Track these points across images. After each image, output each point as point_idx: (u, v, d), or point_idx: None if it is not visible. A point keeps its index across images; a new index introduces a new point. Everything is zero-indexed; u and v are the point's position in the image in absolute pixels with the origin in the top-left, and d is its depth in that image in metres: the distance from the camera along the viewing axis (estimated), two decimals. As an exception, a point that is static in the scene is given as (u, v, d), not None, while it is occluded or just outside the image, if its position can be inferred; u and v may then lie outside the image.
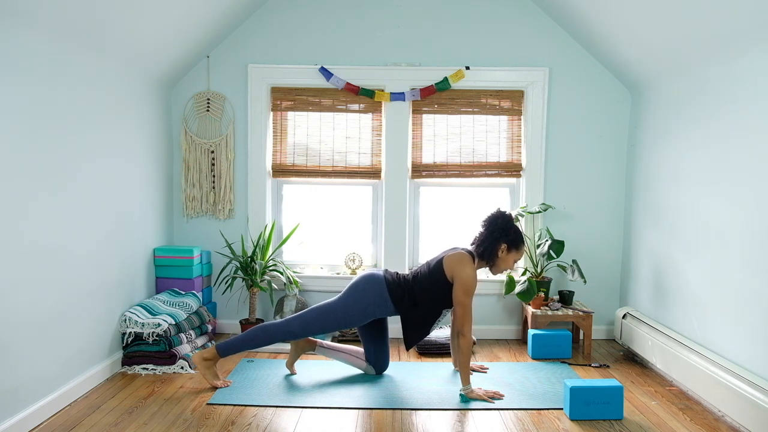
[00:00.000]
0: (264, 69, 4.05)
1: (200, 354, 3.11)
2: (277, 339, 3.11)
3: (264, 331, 3.09)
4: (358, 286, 3.13)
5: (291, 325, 3.10)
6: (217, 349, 3.09)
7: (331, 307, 3.12)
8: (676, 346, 3.18)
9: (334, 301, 3.15)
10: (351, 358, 3.33)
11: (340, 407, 2.87)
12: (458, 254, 3.07)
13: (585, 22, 3.71)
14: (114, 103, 3.26)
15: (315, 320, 3.10)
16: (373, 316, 3.12)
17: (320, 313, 3.11)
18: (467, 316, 2.98)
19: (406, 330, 3.14)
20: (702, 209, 3.11)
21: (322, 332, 3.13)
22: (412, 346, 3.18)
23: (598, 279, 4.12)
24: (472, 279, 3.00)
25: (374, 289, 3.09)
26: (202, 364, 3.10)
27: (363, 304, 3.08)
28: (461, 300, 2.98)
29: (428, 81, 4.05)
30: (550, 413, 2.83)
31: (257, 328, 3.11)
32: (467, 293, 2.98)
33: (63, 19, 2.60)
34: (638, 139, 3.91)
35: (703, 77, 3.12)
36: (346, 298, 3.12)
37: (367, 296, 3.09)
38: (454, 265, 3.02)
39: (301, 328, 3.10)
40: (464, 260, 3.03)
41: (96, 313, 3.11)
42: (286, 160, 4.17)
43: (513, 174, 4.15)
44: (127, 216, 3.44)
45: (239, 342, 3.10)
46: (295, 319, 3.12)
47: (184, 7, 3.27)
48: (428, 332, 3.16)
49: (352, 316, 3.09)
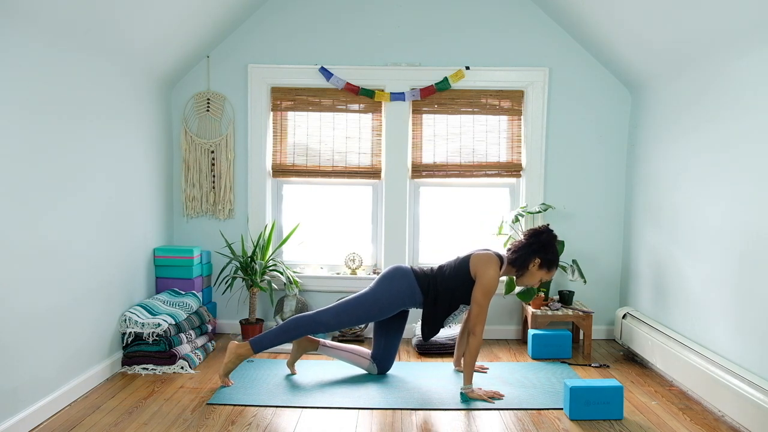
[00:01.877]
0: (264, 69, 4.05)
1: (236, 346, 3.12)
2: (310, 331, 3.12)
3: (296, 324, 3.11)
4: (387, 277, 3.18)
5: (324, 317, 3.12)
6: (251, 344, 3.10)
7: (362, 298, 3.15)
8: (676, 346, 3.18)
9: (365, 292, 3.19)
10: (354, 357, 3.34)
11: (340, 407, 2.87)
12: (486, 254, 3.09)
13: (585, 22, 3.71)
14: (114, 103, 3.26)
15: (347, 311, 3.13)
16: (403, 305, 3.16)
17: (351, 304, 3.14)
18: (482, 316, 2.99)
19: (425, 323, 3.16)
20: (702, 209, 3.10)
21: (354, 323, 3.16)
22: (429, 339, 3.21)
23: (598, 279, 4.12)
24: (493, 281, 3.01)
25: (403, 279, 3.14)
26: (235, 355, 3.11)
27: (392, 292, 3.12)
28: (479, 300, 3.00)
29: (428, 81, 4.05)
30: (550, 413, 2.83)
31: (290, 320, 3.13)
32: (486, 294, 3.00)
33: (63, 19, 2.60)
34: (638, 139, 3.91)
35: (703, 77, 3.12)
36: (376, 288, 3.16)
37: (396, 285, 3.13)
38: (480, 264, 3.04)
39: (334, 318, 3.12)
40: (491, 261, 3.05)
41: (96, 313, 3.11)
42: (286, 160, 4.17)
43: (513, 174, 4.15)
44: (127, 216, 3.44)
45: (272, 336, 3.11)
46: (327, 311, 3.15)
47: (184, 7, 3.27)
48: (442, 325, 3.18)
49: (382, 306, 3.13)
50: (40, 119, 2.62)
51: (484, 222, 4.21)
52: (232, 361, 3.12)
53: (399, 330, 3.32)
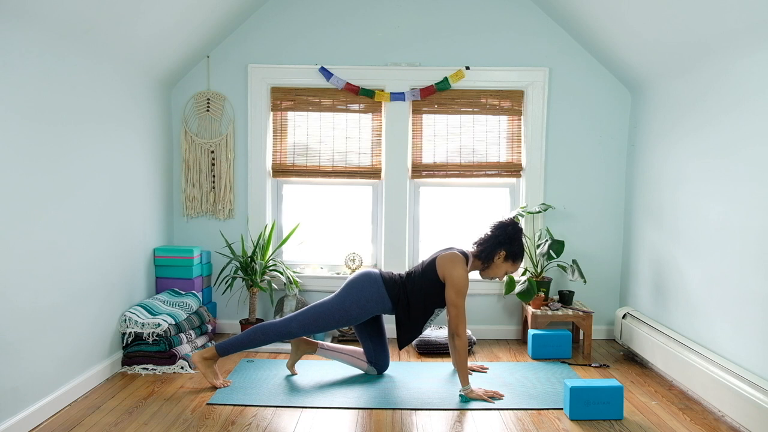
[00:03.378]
0: (264, 69, 4.05)
1: (200, 353, 3.12)
2: (276, 339, 3.11)
3: (263, 331, 3.10)
4: (354, 284, 3.14)
5: (289, 325, 3.10)
6: (217, 349, 3.09)
7: (328, 306, 3.11)
8: (676, 346, 3.18)
9: (331, 299, 3.15)
10: (352, 359, 3.33)
11: (340, 407, 2.87)
12: (450, 254, 3.07)
13: (585, 22, 3.71)
14: (114, 103, 3.26)
15: (313, 319, 3.10)
16: (372, 313, 3.13)
17: (318, 312, 3.11)
18: (461, 317, 2.98)
19: (399, 329, 3.14)
20: (702, 209, 3.11)
21: (320, 331, 3.13)
22: (404, 346, 3.18)
23: (598, 279, 4.12)
24: (463, 280, 3.00)
25: (371, 286, 3.11)
26: (202, 364, 3.10)
27: (361, 301, 3.09)
28: (454, 301, 2.98)
29: (428, 81, 4.05)
30: (550, 413, 2.83)
31: (256, 327, 3.11)
32: (459, 294, 2.99)
33: (62, 19, 2.60)
34: (638, 139, 3.91)
35: (703, 77, 3.12)
36: (343, 296, 3.12)
37: (365, 293, 3.09)
38: (446, 266, 3.03)
39: (299, 327, 3.10)
40: (456, 261, 3.03)
41: (96, 313, 3.11)
42: (286, 160, 4.17)
43: (513, 174, 4.15)
44: (127, 216, 3.44)
45: (238, 342, 3.10)
46: (293, 319, 3.12)
47: (184, 6, 3.27)
48: (420, 332, 3.16)
49: (351, 314, 3.10)
50: (40, 119, 2.62)
51: (484, 222, 4.20)
52: (205, 369, 3.10)
53: (379, 329, 3.30)
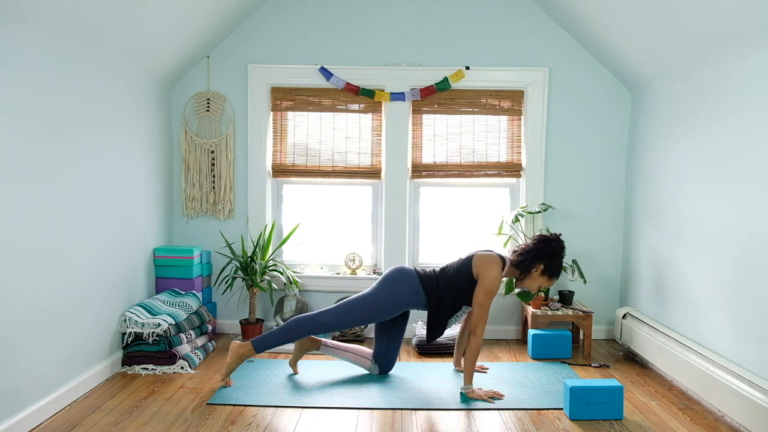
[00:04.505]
0: (264, 69, 4.05)
1: (238, 346, 3.12)
2: (312, 332, 3.12)
3: (298, 324, 3.11)
4: (389, 278, 3.17)
5: (325, 317, 3.12)
6: (253, 344, 3.10)
7: (364, 299, 3.15)
8: (676, 346, 3.18)
9: (367, 292, 3.18)
10: (355, 357, 3.34)
11: (340, 407, 2.87)
12: (489, 255, 3.10)
13: (585, 22, 3.71)
14: (114, 103, 3.26)
15: (348, 312, 3.12)
16: (406, 306, 3.16)
17: (353, 305, 3.14)
18: (483, 316, 2.99)
19: (430, 324, 3.16)
20: (702, 209, 3.10)
21: (355, 324, 3.15)
22: (433, 340, 3.21)
23: (598, 279, 4.12)
24: (495, 281, 3.02)
25: (407, 281, 3.13)
26: (235, 355, 3.10)
27: (396, 294, 3.11)
28: (481, 300, 3.00)
29: (428, 81, 4.05)
30: (550, 413, 2.83)
31: (291, 321, 3.13)
32: (488, 294, 3.00)
33: (62, 19, 2.60)
34: (638, 139, 3.91)
35: (703, 78, 3.12)
36: (378, 289, 3.15)
37: (400, 286, 3.12)
38: (482, 265, 3.05)
39: (335, 319, 3.12)
40: (493, 262, 3.05)
41: (96, 313, 3.11)
42: (286, 160, 4.17)
43: (513, 174, 4.15)
44: (127, 216, 3.44)
45: (275, 336, 3.11)
46: (329, 311, 3.14)
47: (184, 7, 3.27)
48: (446, 327, 3.17)
49: (385, 307, 3.12)
50: (40, 119, 2.62)
51: (484, 222, 4.21)
52: (234, 360, 3.12)
53: (401, 330, 3.32)
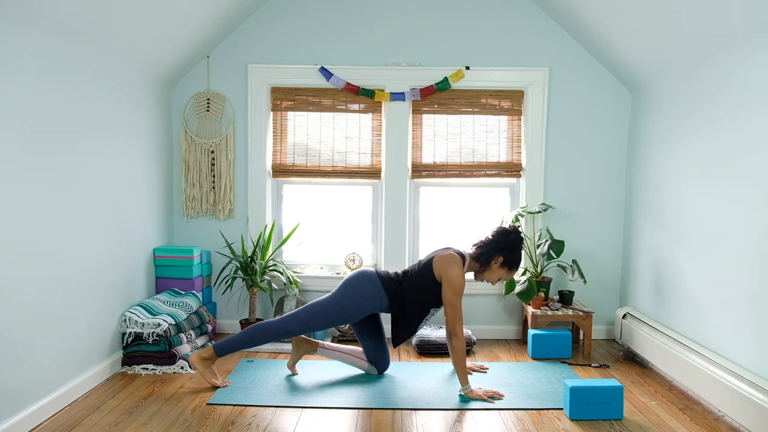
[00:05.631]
0: (264, 69, 4.05)
1: (198, 354, 3.12)
2: (274, 338, 3.11)
3: (261, 330, 3.10)
4: (351, 282, 3.16)
5: (287, 324, 3.10)
6: (215, 349, 3.09)
7: (325, 304, 3.13)
8: (676, 346, 3.18)
9: (328, 297, 3.16)
10: (353, 359, 3.33)
11: (340, 407, 2.87)
12: (448, 255, 3.09)
13: (585, 22, 3.71)
14: (114, 103, 3.26)
15: (311, 317, 3.11)
16: (369, 310, 3.14)
17: (316, 311, 3.12)
18: (458, 317, 2.99)
19: (395, 327, 3.16)
20: (702, 209, 3.10)
21: (318, 329, 3.14)
22: (399, 344, 3.19)
23: (598, 279, 4.12)
24: (459, 279, 3.01)
25: (368, 284, 3.12)
26: (200, 364, 3.10)
27: (359, 298, 3.10)
28: (451, 301, 2.99)
29: (428, 81, 4.05)
30: (550, 413, 2.83)
31: (254, 327, 3.12)
32: (456, 294, 3.00)
33: (62, 20, 2.60)
34: (638, 139, 3.91)
35: (703, 78, 3.12)
36: (340, 294, 3.14)
37: (362, 291, 3.11)
38: (443, 266, 3.04)
39: (297, 325, 3.10)
40: (453, 261, 3.05)
41: (96, 313, 3.11)
42: (286, 160, 4.17)
43: (513, 174, 4.15)
44: (127, 216, 3.44)
45: (236, 341, 3.10)
46: (291, 317, 3.12)
47: (184, 7, 3.27)
48: (415, 330, 3.17)
49: (348, 312, 3.11)
50: (40, 119, 2.62)
51: (484, 222, 4.21)
52: (204, 369, 3.10)
53: (378, 329, 3.31)
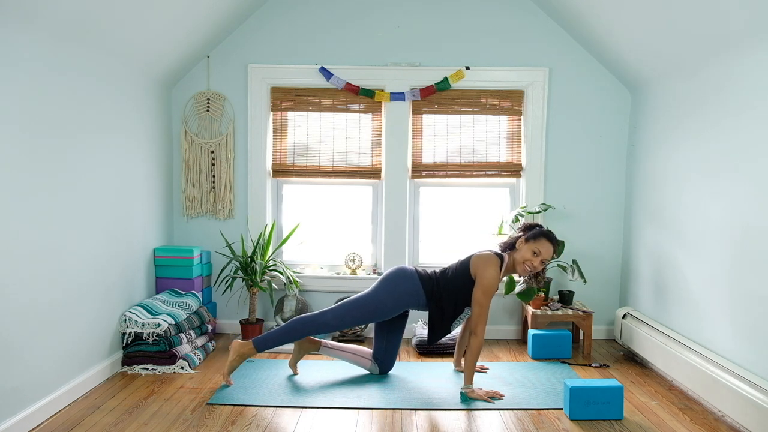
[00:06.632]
0: (264, 69, 4.05)
1: (240, 345, 3.13)
2: (313, 331, 3.13)
3: (300, 324, 3.12)
4: (389, 278, 3.18)
5: (325, 317, 3.13)
6: (254, 344, 3.10)
7: (363, 298, 3.16)
8: (676, 346, 3.18)
9: (367, 292, 3.19)
10: (355, 358, 3.34)
11: (340, 407, 2.87)
12: (486, 255, 3.11)
13: (585, 22, 3.71)
14: (113, 103, 3.26)
15: (349, 311, 3.13)
16: (406, 306, 3.17)
17: (353, 305, 3.15)
18: (483, 316, 2.99)
19: (431, 326, 3.16)
20: (703, 209, 3.10)
21: (356, 324, 3.17)
22: (434, 342, 3.22)
23: (598, 279, 4.12)
24: (493, 280, 3.02)
25: (407, 280, 3.14)
26: (238, 353, 3.11)
27: (396, 294, 3.12)
28: (479, 299, 3.00)
29: (428, 81, 4.05)
30: (550, 413, 2.83)
31: (293, 321, 3.14)
32: (486, 293, 3.00)
33: (62, 20, 2.60)
34: (638, 139, 3.91)
35: (703, 78, 3.12)
36: (378, 289, 3.16)
37: (400, 286, 3.13)
38: (479, 264, 3.06)
39: (336, 319, 3.13)
40: (490, 261, 3.06)
41: (96, 313, 3.11)
42: (286, 160, 4.17)
43: (513, 174, 4.15)
44: (127, 216, 3.44)
45: (276, 336, 3.12)
46: (329, 311, 3.15)
47: (184, 7, 3.27)
48: (449, 329, 3.17)
49: (386, 306, 3.13)
50: (40, 119, 2.62)
51: (484, 222, 4.21)
52: (236, 359, 3.12)
53: (400, 330, 3.32)
